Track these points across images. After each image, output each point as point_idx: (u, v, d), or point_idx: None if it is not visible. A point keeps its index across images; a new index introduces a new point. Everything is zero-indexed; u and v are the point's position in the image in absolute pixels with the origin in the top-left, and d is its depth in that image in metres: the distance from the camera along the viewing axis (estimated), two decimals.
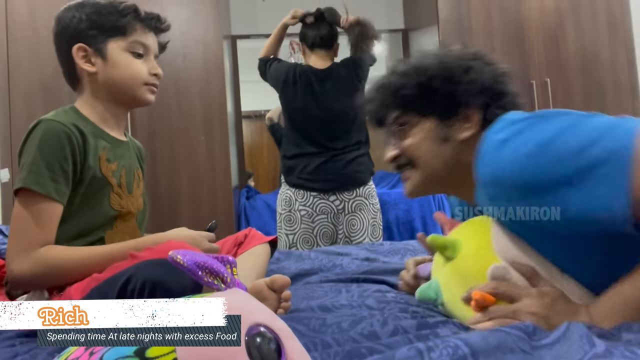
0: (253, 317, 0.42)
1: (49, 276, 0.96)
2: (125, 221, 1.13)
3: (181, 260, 0.46)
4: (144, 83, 1.13)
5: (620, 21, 2.96)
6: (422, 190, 0.96)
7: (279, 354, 0.42)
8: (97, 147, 1.07)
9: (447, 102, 0.90)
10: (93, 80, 1.11)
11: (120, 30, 1.10)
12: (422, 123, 0.92)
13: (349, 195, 2.09)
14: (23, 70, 2.58)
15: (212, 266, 0.47)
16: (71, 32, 1.11)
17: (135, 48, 1.11)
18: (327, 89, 2.07)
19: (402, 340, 0.65)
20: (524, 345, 0.61)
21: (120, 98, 1.14)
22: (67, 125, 1.01)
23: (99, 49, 1.09)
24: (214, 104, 2.67)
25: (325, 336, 0.72)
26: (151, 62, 1.14)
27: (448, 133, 0.90)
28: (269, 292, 0.94)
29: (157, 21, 1.15)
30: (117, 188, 1.10)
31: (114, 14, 1.10)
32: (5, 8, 2.58)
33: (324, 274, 1.33)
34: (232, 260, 0.50)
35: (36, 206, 0.97)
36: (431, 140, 0.91)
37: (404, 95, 0.92)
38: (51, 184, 0.98)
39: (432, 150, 0.91)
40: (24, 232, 0.97)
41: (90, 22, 1.09)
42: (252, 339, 0.41)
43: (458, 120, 0.90)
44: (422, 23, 3.28)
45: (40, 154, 0.98)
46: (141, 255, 0.90)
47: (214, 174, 2.67)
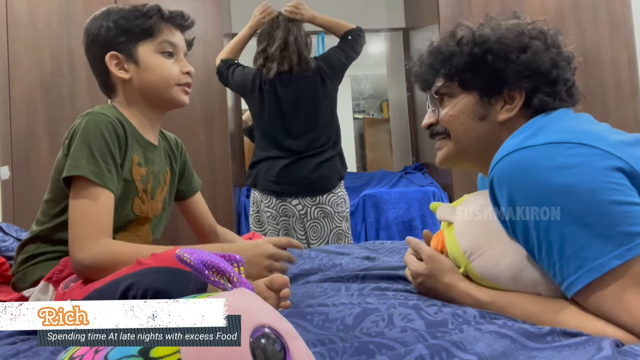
0: (258, 318, 0.42)
1: (111, 266, 0.95)
2: (140, 224, 1.14)
3: (188, 259, 0.46)
4: (177, 83, 1.14)
5: (622, 21, 2.96)
6: (452, 163, 0.95)
7: (284, 355, 0.42)
8: (133, 148, 1.09)
9: (494, 79, 0.86)
10: (128, 86, 1.13)
11: (148, 33, 1.11)
12: (462, 96, 0.90)
13: (311, 201, 2.07)
14: (23, 69, 2.58)
15: (219, 265, 0.46)
16: (101, 41, 1.12)
17: (165, 48, 1.13)
18: (291, 92, 2.06)
19: (410, 337, 0.65)
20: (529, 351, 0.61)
21: (155, 101, 1.15)
22: (113, 119, 1.04)
23: (130, 55, 1.11)
24: (214, 102, 2.66)
25: (331, 333, 0.72)
26: (182, 61, 1.16)
27: (487, 111, 0.88)
28: (268, 292, 0.94)
29: (181, 18, 1.16)
30: (142, 193, 1.12)
31: (140, 17, 1.11)
32: (5, 8, 2.58)
33: (323, 273, 1.32)
34: (239, 259, 0.50)
35: (95, 196, 0.98)
36: (468, 115, 0.89)
37: (454, 64, 0.89)
38: (107, 175, 1.00)
39: (467, 125, 0.89)
40: (86, 221, 0.97)
41: (118, 28, 1.10)
42: (256, 340, 0.41)
43: (500, 100, 0.87)
44: (423, 22, 3.28)
45: (93, 144, 0.99)
46: (146, 262, 0.89)
47: (214, 172, 2.66)
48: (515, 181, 0.72)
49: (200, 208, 1.39)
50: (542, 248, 0.71)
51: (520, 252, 0.78)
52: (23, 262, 1.09)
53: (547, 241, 0.69)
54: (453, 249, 0.86)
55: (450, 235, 0.87)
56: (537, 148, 0.72)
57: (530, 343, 0.63)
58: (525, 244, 0.74)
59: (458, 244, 0.85)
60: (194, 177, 1.38)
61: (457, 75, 0.89)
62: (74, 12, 2.61)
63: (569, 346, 0.62)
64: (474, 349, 0.59)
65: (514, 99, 0.86)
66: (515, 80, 0.85)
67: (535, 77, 0.84)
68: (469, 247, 0.83)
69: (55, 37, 2.59)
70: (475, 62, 0.87)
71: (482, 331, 0.65)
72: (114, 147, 1.03)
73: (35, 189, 2.51)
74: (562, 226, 0.68)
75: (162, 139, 1.25)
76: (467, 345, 0.60)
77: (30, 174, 2.55)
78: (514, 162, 0.73)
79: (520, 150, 0.73)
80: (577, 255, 0.67)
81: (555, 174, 0.69)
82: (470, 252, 0.82)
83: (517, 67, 0.84)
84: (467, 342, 0.60)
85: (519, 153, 0.73)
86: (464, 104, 0.89)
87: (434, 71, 0.93)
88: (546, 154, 0.71)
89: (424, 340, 0.63)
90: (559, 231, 0.68)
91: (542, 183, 0.69)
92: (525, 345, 0.62)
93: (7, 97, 2.56)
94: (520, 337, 0.63)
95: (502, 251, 0.79)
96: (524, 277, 0.78)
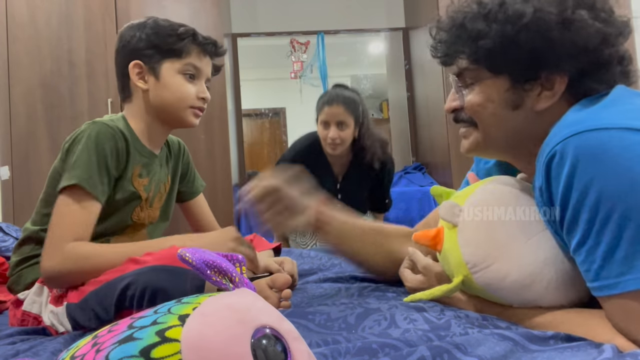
0: (259, 319, 0.42)
1: (76, 272, 0.96)
2: (136, 230, 1.16)
3: (190, 259, 0.46)
4: (190, 106, 1.15)
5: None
6: (479, 153, 0.85)
7: (285, 356, 0.42)
8: (134, 159, 1.10)
9: (530, 61, 0.71)
10: (143, 97, 1.15)
11: (176, 53, 1.13)
12: (492, 81, 0.75)
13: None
14: (23, 69, 2.58)
15: (221, 265, 0.46)
16: (130, 49, 1.14)
17: (188, 70, 1.14)
18: None
19: (414, 338, 0.65)
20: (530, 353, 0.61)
21: (165, 118, 1.17)
22: (116, 131, 1.05)
23: (153, 68, 1.13)
24: (214, 102, 2.66)
25: (333, 332, 0.72)
26: (201, 86, 1.17)
27: (521, 99, 0.74)
28: (270, 291, 0.94)
29: (213, 46, 1.18)
30: (144, 202, 1.14)
31: (172, 37, 1.13)
32: (5, 8, 2.58)
33: (323, 273, 1.32)
34: (241, 259, 0.50)
35: (80, 204, 0.99)
36: (499, 103, 0.75)
37: (481, 45, 0.73)
38: (99, 185, 1.01)
39: (498, 115, 0.76)
40: (61, 227, 0.98)
41: (149, 42, 1.13)
42: (258, 341, 0.41)
43: (537, 85, 0.73)
44: (423, 22, 3.28)
45: (92, 154, 1.01)
46: (143, 260, 0.90)
47: (214, 172, 2.66)
48: (584, 164, 0.61)
49: (202, 210, 1.40)
50: (587, 242, 0.63)
51: (528, 268, 0.73)
52: (17, 265, 1.10)
53: (597, 238, 0.61)
54: (453, 257, 0.79)
55: (453, 241, 0.79)
56: (614, 132, 0.61)
57: (532, 346, 0.63)
58: (568, 232, 0.66)
59: (461, 252, 0.77)
60: (197, 179, 1.39)
61: (485, 58, 0.74)
62: (74, 12, 2.61)
63: (570, 348, 0.61)
64: (476, 351, 0.59)
65: (554, 84, 0.72)
66: (556, 62, 0.70)
67: (582, 57, 0.69)
68: (473, 258, 0.76)
69: (55, 37, 2.59)
70: (507, 42, 0.71)
71: (484, 334, 0.64)
72: (112, 159, 1.04)
73: (35, 189, 2.51)
74: (623, 227, 0.59)
75: (164, 145, 1.26)
76: (469, 348, 0.60)
77: (30, 174, 2.55)
78: (586, 143, 0.61)
79: (594, 132, 0.62)
80: (626, 260, 0.60)
81: (633, 168, 0.59)
82: (474, 263, 0.75)
83: (558, 47, 0.69)
84: (469, 344, 0.60)
85: (592, 134, 0.61)
86: (493, 91, 0.75)
87: (456, 50, 0.78)
88: (625, 141, 0.60)
89: (428, 341, 0.63)
90: (617, 231, 0.60)
91: (615, 174, 0.60)
92: (527, 348, 0.62)
93: (7, 97, 2.56)
94: (522, 339, 0.63)
95: (509, 266, 0.73)
96: (528, 292, 0.74)
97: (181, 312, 0.42)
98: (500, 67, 0.74)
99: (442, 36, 0.80)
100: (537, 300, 0.74)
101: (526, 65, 0.72)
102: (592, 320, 0.67)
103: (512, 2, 0.72)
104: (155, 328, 0.40)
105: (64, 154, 1.05)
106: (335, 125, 2.06)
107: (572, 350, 0.60)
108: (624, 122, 0.61)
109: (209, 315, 0.41)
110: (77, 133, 1.05)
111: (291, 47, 3.87)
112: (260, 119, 4.76)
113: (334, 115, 2.06)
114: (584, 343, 0.63)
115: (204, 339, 0.39)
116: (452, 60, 0.80)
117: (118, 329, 0.42)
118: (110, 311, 0.85)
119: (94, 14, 2.64)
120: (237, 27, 3.55)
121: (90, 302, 0.89)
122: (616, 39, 0.71)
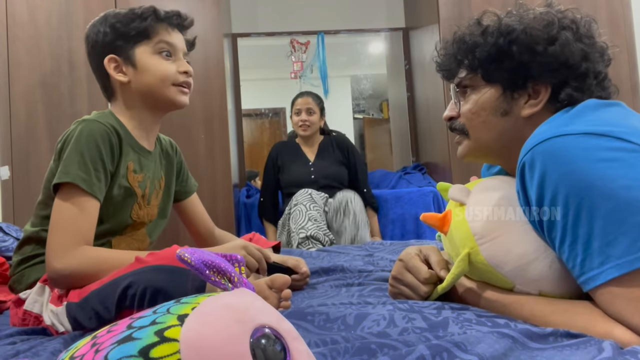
0: (259, 319, 0.42)
1: (88, 275, 0.95)
2: (135, 229, 1.15)
3: (188, 259, 0.46)
4: (173, 83, 1.13)
5: (622, 21, 2.96)
6: (473, 158, 0.93)
7: (285, 356, 0.42)
8: (128, 155, 1.10)
9: (518, 72, 0.82)
10: (127, 90, 1.13)
11: (144, 34, 1.12)
12: (484, 89, 0.86)
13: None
14: (23, 69, 2.58)
15: (220, 265, 0.46)
16: (100, 46, 1.13)
17: (162, 48, 1.13)
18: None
19: (413, 337, 0.65)
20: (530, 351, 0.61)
21: (153, 103, 1.15)
22: (108, 127, 1.04)
23: (128, 57, 1.12)
24: (215, 102, 2.66)
25: (332, 332, 0.72)
26: (180, 61, 1.15)
27: (510, 106, 0.84)
28: (269, 291, 0.94)
29: (177, 17, 1.16)
30: (141, 199, 1.13)
31: (135, 19, 1.12)
32: (5, 7, 2.57)
33: (323, 273, 1.32)
34: (240, 259, 0.50)
35: (80, 203, 0.98)
36: (490, 111, 0.86)
37: (477, 55, 0.85)
38: (96, 183, 1.00)
39: (489, 122, 0.86)
40: (67, 228, 0.97)
41: (115, 32, 1.11)
42: (257, 340, 0.41)
43: (524, 94, 0.83)
44: (423, 22, 3.28)
45: (85, 152, 1.00)
46: (145, 260, 0.90)
47: (214, 172, 2.66)
48: (550, 168, 0.69)
49: (197, 210, 1.39)
50: (566, 239, 0.69)
51: (532, 244, 0.76)
52: (19, 264, 1.10)
53: (574, 233, 0.67)
54: (461, 231, 0.83)
55: (461, 216, 0.84)
56: (575, 137, 0.69)
57: (532, 343, 0.63)
58: (548, 232, 0.72)
59: (469, 226, 0.81)
60: (190, 178, 1.38)
61: (481, 66, 0.86)
62: (74, 12, 2.61)
63: (570, 346, 0.62)
64: (475, 349, 0.59)
65: (539, 94, 0.82)
66: (541, 73, 0.81)
67: (563, 70, 0.80)
68: (481, 230, 0.80)
69: (55, 37, 2.58)
70: (500, 53, 0.83)
71: (483, 332, 0.65)
72: (106, 155, 1.03)
73: (35, 189, 2.51)
74: (593, 220, 0.65)
75: (157, 143, 1.25)
76: (469, 346, 0.60)
77: (30, 174, 2.54)
78: (550, 149, 0.70)
79: (557, 138, 0.70)
80: (603, 250, 0.65)
81: (592, 166, 0.66)
82: (482, 235, 0.79)
83: (544, 59, 0.80)
84: (468, 342, 0.60)
85: (555, 140, 0.70)
86: (486, 99, 0.86)
87: (457, 61, 0.90)
88: (584, 144, 0.68)
89: (426, 340, 0.63)
90: (589, 225, 0.66)
91: (577, 173, 0.67)
92: (526, 346, 0.62)
93: (7, 97, 2.56)
94: (522, 337, 0.63)
95: (514, 240, 0.77)
96: (532, 269, 0.76)
97: (180, 312, 0.42)
98: (493, 76, 0.85)
99: (446, 50, 0.92)
100: (539, 280, 0.76)
101: (516, 76, 0.83)
102: (594, 310, 0.69)
103: (507, 21, 0.84)
104: (154, 328, 0.40)
105: (57, 155, 1.04)
106: (305, 112, 2.79)
107: (572, 349, 0.61)
108: (583, 128, 0.70)
109: (208, 315, 0.41)
110: (68, 132, 1.04)
111: (291, 47, 3.87)
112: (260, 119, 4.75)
113: (305, 104, 2.81)
114: (583, 340, 0.63)
115: (202, 338, 0.39)
116: (455, 70, 0.91)
117: (117, 329, 0.42)
118: (112, 310, 0.85)
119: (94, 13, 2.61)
120: (237, 27, 3.55)
121: (91, 301, 0.89)
122: (595, 58, 0.81)
